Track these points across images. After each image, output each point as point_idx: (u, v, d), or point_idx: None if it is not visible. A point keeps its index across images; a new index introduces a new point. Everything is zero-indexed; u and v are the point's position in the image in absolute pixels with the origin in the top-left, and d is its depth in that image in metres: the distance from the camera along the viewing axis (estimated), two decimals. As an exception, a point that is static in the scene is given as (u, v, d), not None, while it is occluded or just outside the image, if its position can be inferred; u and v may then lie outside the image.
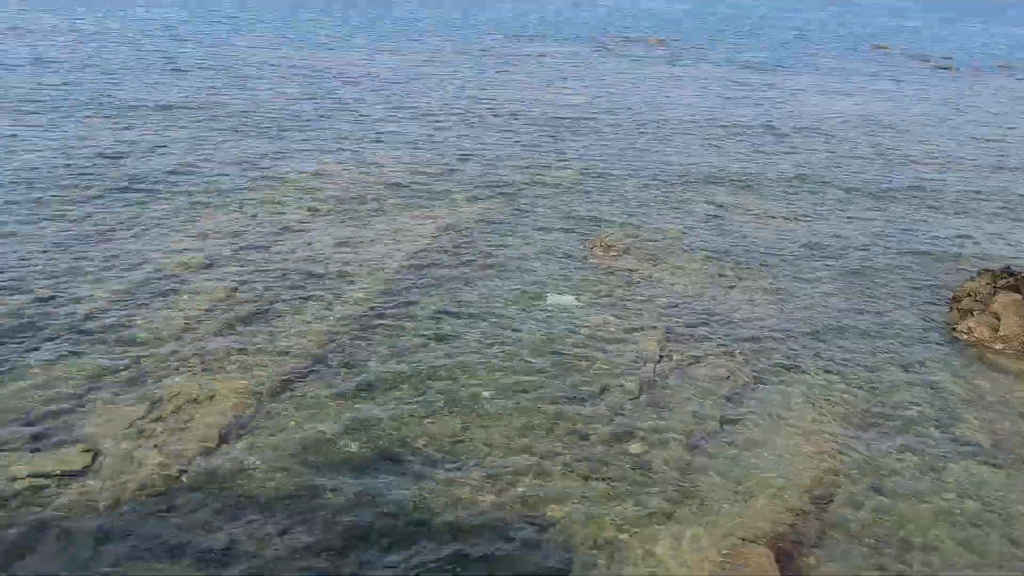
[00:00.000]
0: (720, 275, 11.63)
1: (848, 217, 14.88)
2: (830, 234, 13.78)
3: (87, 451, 6.65)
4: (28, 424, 6.95)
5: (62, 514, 5.85)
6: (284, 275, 10.70)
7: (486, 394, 7.89)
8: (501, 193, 15.03)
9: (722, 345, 9.32)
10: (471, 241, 12.51)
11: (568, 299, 10.46)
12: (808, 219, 14.56)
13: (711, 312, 10.28)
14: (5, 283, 9.82)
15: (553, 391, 8.02)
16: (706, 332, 9.65)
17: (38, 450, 6.60)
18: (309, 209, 13.59)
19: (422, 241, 12.38)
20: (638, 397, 8.00)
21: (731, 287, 11.21)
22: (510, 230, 13.11)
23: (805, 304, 10.74)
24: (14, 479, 6.21)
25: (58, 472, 6.33)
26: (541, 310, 10.04)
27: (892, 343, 9.68)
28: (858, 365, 9.07)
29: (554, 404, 7.77)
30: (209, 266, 10.87)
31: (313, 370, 8.24)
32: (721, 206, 15.09)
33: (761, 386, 8.44)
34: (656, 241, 12.92)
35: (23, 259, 10.63)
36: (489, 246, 12.33)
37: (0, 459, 6.42)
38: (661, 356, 8.94)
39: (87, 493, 6.11)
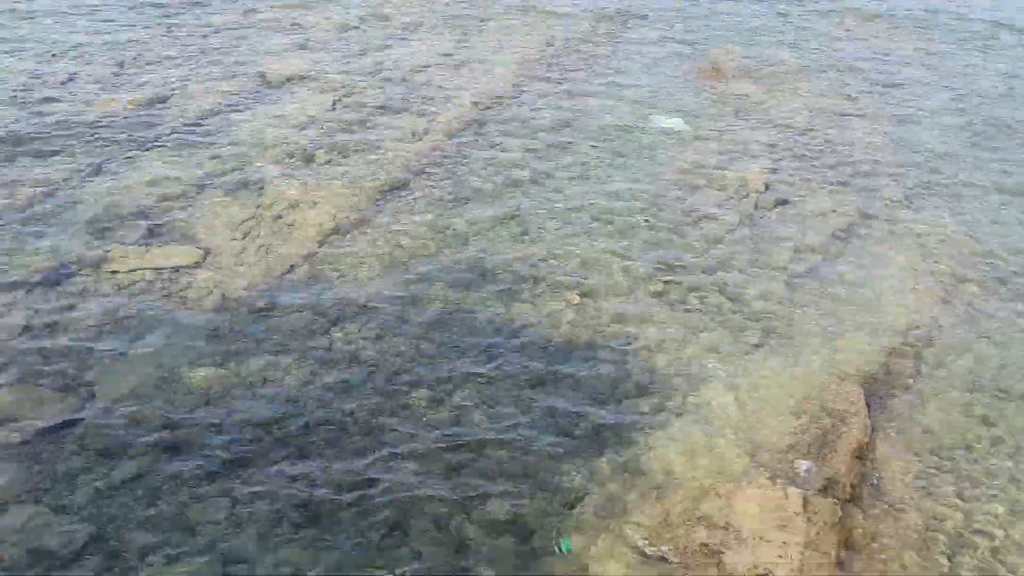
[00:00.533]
0: (837, 106, 10.99)
1: (986, 56, 13.68)
2: (963, 73, 12.73)
3: (197, 248, 6.93)
4: (142, 219, 7.26)
5: (172, 307, 6.18)
6: (387, 85, 10.62)
7: (582, 216, 7.81)
8: (611, 7, 14.33)
9: (833, 179, 8.92)
10: (577, 56, 12.09)
11: (674, 121, 10.09)
12: (940, 56, 13.45)
13: (825, 143, 9.80)
14: (117, 84, 10.06)
15: (651, 216, 7.88)
16: (817, 165, 9.23)
17: (151, 245, 6.92)
18: (414, 20, 13.28)
19: (527, 54, 12.03)
20: (737, 228, 7.80)
21: (848, 119, 10.60)
22: (618, 47, 12.57)
23: (928, 142, 10.10)
24: (131, 271, 6.56)
25: (169, 267, 6.65)
26: (644, 132, 9.74)
27: (1019, 197, 9.05)
28: (978, 212, 8.56)
29: (650, 230, 7.66)
30: (313, 73, 10.85)
31: (414, 181, 8.29)
32: (848, 31, 14.08)
33: (870, 223, 8.10)
34: (772, 66, 12.22)
35: (132, 61, 10.82)
36: (596, 63, 11.89)
37: (117, 252, 6.77)
38: (767, 186, 8.63)
39: (196, 289, 6.42)
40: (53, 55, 10.81)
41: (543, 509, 4.60)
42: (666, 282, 6.89)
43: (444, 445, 5.02)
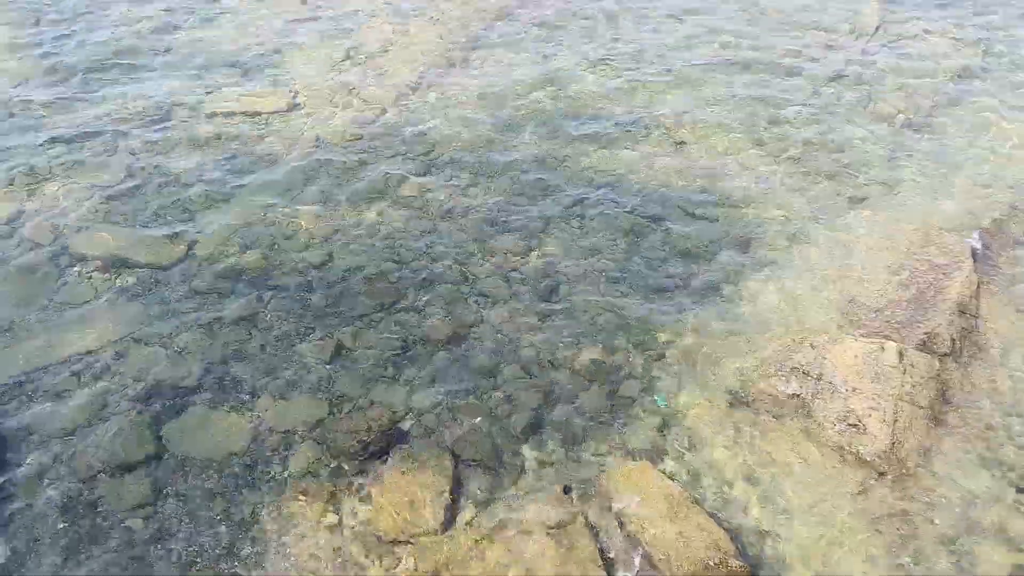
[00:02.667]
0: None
1: None
2: None
3: (290, 91, 6.94)
4: (237, 65, 7.28)
5: (269, 149, 6.26)
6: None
7: (676, 61, 7.49)
8: None
9: (949, 21, 8.29)
10: None
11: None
12: None
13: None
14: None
15: (752, 63, 7.52)
16: (934, 4, 8.57)
17: (247, 88, 6.96)
18: None
19: None
20: (841, 76, 7.38)
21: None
22: None
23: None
24: (231, 113, 6.63)
25: (266, 110, 6.69)
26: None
27: None
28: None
29: (755, 74, 7.31)
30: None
31: (503, 21, 8.04)
32: None
33: (988, 72, 7.56)
34: None
35: None
36: None
37: (214, 96, 6.83)
38: (877, 28, 8.08)
39: (292, 129, 6.47)
40: None
41: (633, 359, 4.65)
42: (766, 129, 6.63)
43: (536, 292, 5.06)
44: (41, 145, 6.17)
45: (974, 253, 4.69)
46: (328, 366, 4.53)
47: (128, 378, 4.41)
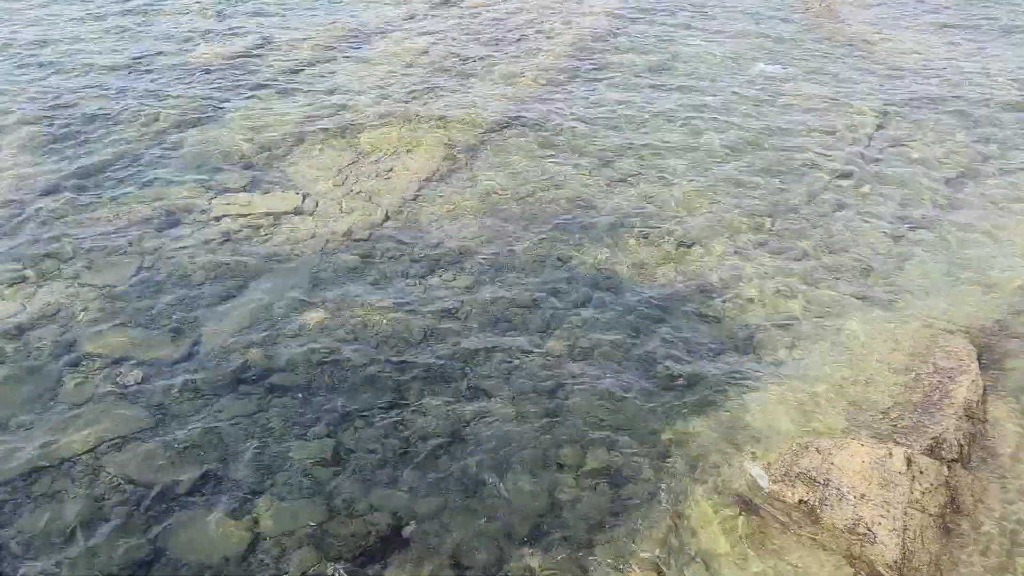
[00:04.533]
0: (954, 45, 10.40)
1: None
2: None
3: (298, 194, 7.06)
4: (246, 167, 7.42)
5: (275, 252, 6.32)
6: (480, 31, 10.52)
7: (680, 160, 7.64)
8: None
9: (948, 122, 8.48)
10: (676, -2, 11.74)
11: (776, 68, 9.73)
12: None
13: (941, 84, 9.30)
14: (220, 31, 10.24)
15: (753, 164, 7.66)
16: (931, 108, 8.78)
17: (255, 190, 7.08)
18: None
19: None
20: (844, 176, 7.51)
21: (968, 57, 10.03)
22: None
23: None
24: (238, 216, 6.73)
25: (274, 212, 6.80)
26: (748, 78, 9.42)
27: None
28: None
29: (753, 175, 7.44)
30: (410, 18, 10.83)
31: (507, 126, 8.24)
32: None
33: (988, 172, 7.69)
34: (882, 4, 11.61)
35: (231, 12, 10.99)
36: (696, 3, 11.52)
37: (221, 198, 6.95)
38: (879, 127, 8.26)
39: (297, 234, 6.55)
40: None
41: (637, 460, 4.59)
42: (769, 230, 6.71)
43: (539, 392, 5.04)
44: (51, 245, 6.25)
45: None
46: (328, 468, 4.47)
47: (124, 480, 4.35)
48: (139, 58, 9.53)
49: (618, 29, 10.67)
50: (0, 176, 7.10)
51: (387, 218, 6.79)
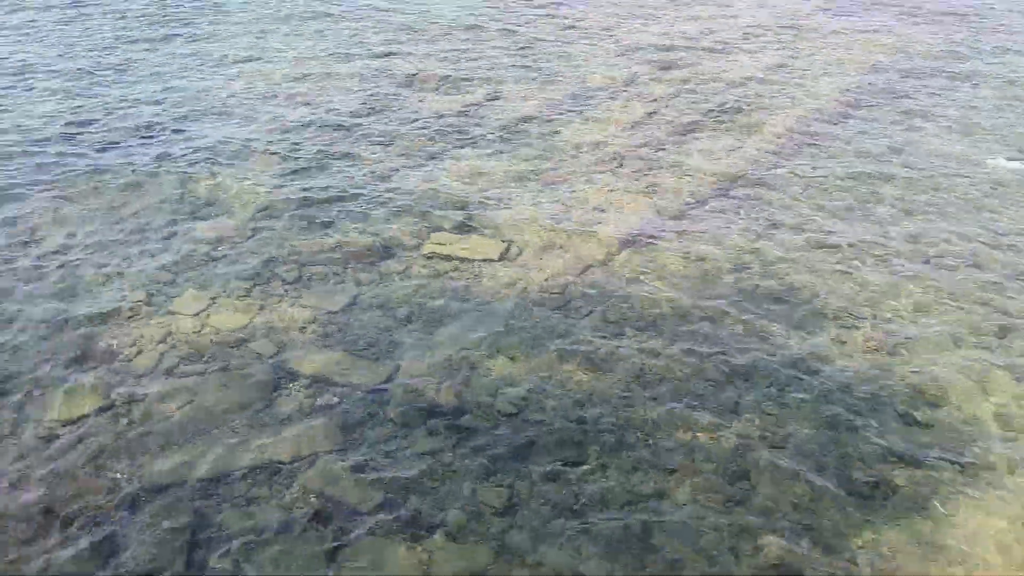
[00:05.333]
0: None
1: None
2: None
3: (503, 241, 7.28)
4: (459, 210, 7.75)
5: (476, 295, 6.54)
6: (706, 98, 10.53)
7: (907, 257, 7.25)
8: (952, 16, 13.16)
9: None
10: (909, 80, 11.23)
11: (1016, 164, 9.07)
12: None
13: None
14: (450, 85, 10.84)
15: (981, 264, 7.15)
16: None
17: (465, 234, 7.38)
18: (740, 31, 13.04)
19: (856, 75, 11.37)
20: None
21: None
22: (959, 69, 11.51)
23: None
24: (445, 257, 7.03)
25: (479, 256, 7.04)
26: (980, 174, 8.84)
27: None
28: None
29: (978, 281, 6.94)
30: (632, 82, 11.00)
31: (719, 197, 8.15)
32: None
33: None
34: None
35: (467, 64, 11.59)
36: (932, 87, 10.98)
37: (434, 237, 7.29)
38: None
39: (499, 278, 6.75)
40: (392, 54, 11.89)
41: (819, 563, 4.33)
42: (997, 335, 6.22)
43: (722, 475, 4.88)
44: (278, 267, 6.77)
45: None
46: (501, 517, 4.52)
47: (313, 493, 4.61)
48: (374, 96, 10.25)
49: (849, 107, 10.36)
50: (242, 196, 7.81)
51: (587, 271, 6.86)
